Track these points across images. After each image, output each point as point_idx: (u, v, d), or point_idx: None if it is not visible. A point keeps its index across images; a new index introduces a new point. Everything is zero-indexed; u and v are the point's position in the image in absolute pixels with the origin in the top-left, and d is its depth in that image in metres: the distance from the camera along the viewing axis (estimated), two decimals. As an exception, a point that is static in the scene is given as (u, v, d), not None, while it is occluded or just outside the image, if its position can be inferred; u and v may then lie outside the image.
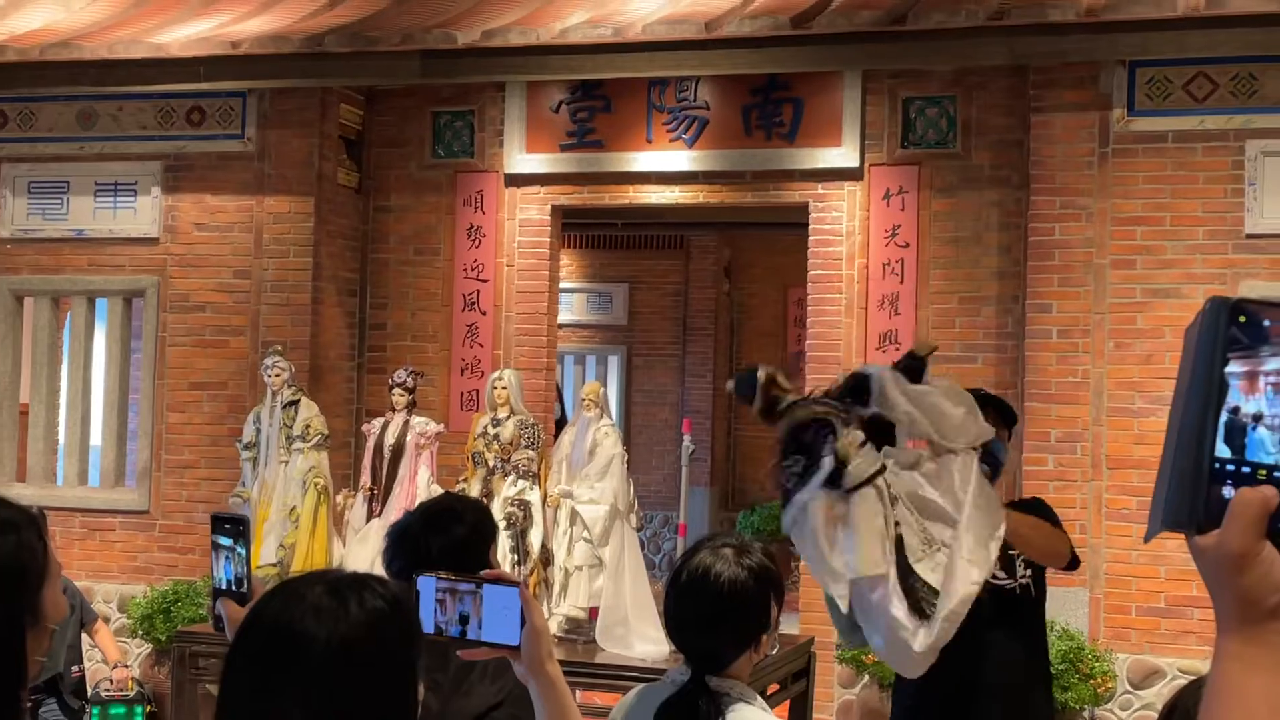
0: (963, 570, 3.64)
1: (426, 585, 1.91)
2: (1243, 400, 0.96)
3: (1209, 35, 6.94)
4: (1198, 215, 7.27)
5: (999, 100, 7.89)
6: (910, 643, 3.61)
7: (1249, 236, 7.19)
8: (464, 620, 1.90)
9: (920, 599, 3.67)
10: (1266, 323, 0.96)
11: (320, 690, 1.62)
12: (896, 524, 3.71)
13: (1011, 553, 4.22)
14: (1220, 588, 0.96)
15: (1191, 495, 0.96)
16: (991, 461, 4.01)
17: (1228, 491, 0.96)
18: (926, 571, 3.68)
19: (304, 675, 1.62)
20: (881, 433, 3.73)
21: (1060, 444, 7.34)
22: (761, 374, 3.78)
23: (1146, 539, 1.05)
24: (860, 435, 3.63)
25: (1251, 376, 0.96)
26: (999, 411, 4.30)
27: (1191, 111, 7.27)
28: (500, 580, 1.92)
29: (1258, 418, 0.96)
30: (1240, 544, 0.94)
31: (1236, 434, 0.96)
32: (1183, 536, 0.99)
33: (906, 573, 3.70)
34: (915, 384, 3.72)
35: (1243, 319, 0.96)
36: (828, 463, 3.63)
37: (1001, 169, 7.87)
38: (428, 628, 1.90)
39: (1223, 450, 0.96)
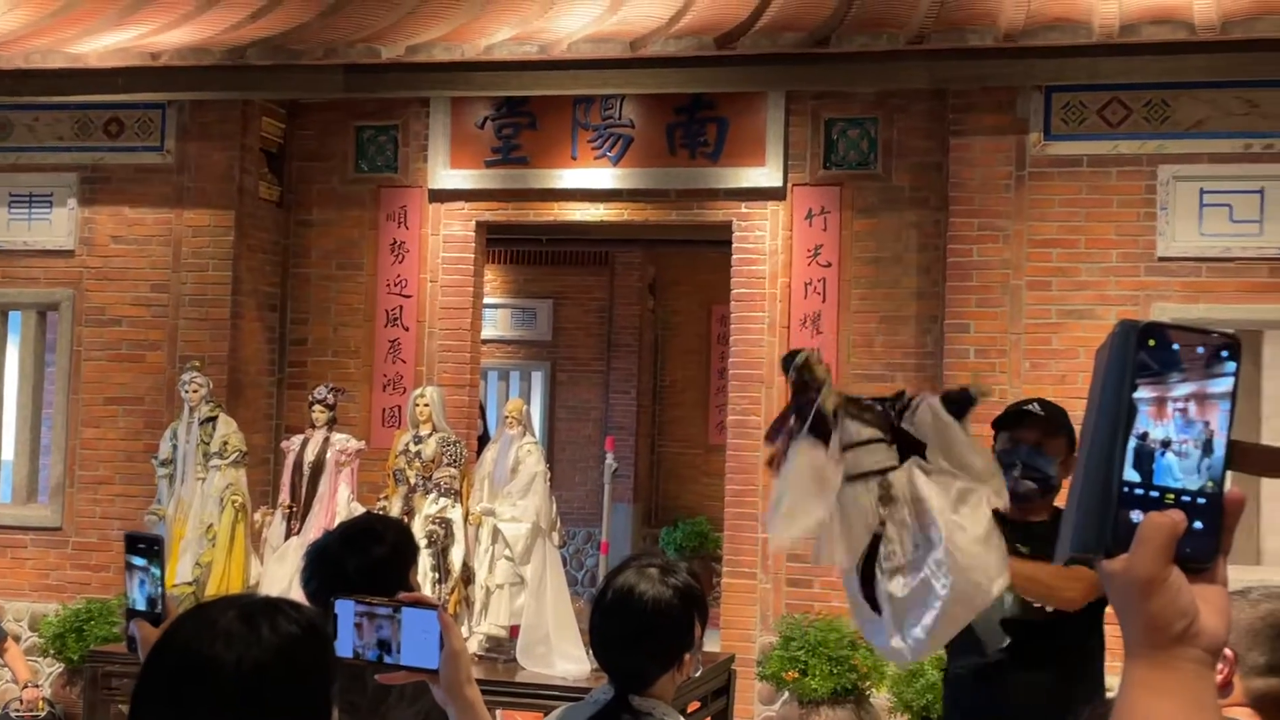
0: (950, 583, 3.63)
1: (345, 609, 1.90)
2: (1151, 426, 0.97)
3: (1123, 62, 7.09)
4: (1111, 238, 7.41)
5: (919, 123, 7.99)
6: (886, 644, 3.71)
7: (1161, 259, 7.34)
8: (382, 644, 1.88)
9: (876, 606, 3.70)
10: (1176, 347, 0.96)
11: (231, 717, 1.61)
12: (882, 523, 3.73)
13: None
14: (1128, 612, 0.96)
15: (1100, 519, 0.96)
16: (1036, 476, 3.84)
17: (1136, 516, 0.96)
18: (896, 587, 3.69)
19: (214, 701, 1.61)
20: (906, 445, 3.78)
21: (978, 462, 7.41)
22: (802, 358, 3.94)
23: (1054, 560, 1.06)
24: (840, 397, 3.73)
25: (1160, 403, 0.97)
26: (1060, 425, 3.95)
27: (1105, 136, 7.42)
28: (419, 603, 1.91)
29: (1166, 443, 0.97)
30: (1148, 569, 0.94)
31: (1145, 459, 0.97)
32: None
33: (868, 579, 3.72)
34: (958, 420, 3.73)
35: (1152, 343, 0.97)
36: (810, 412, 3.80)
37: (921, 190, 7.97)
38: (345, 652, 1.88)
39: (1131, 475, 0.97)
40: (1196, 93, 7.29)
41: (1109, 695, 2.26)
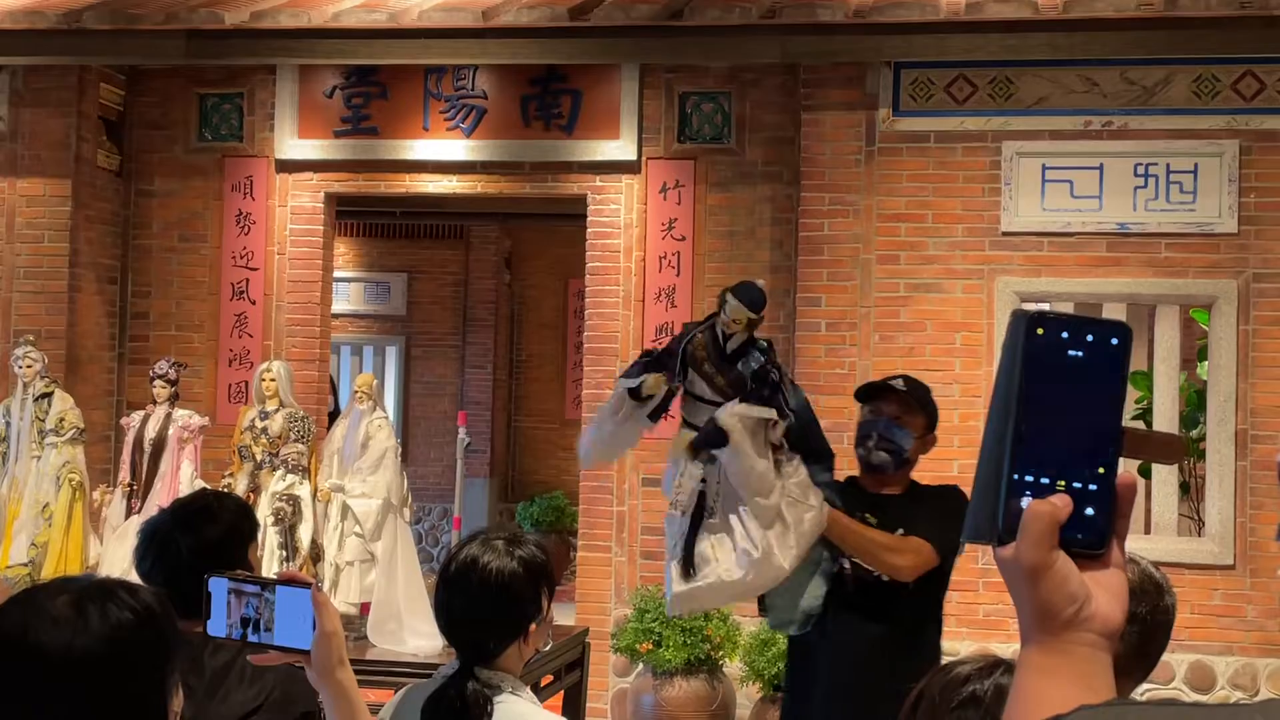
0: (739, 557, 3.76)
1: (218, 586, 1.86)
2: None
3: (968, 39, 7.22)
4: (957, 213, 7.55)
5: (772, 97, 8.04)
6: (670, 584, 3.85)
7: (1004, 234, 7.50)
8: (246, 623, 1.84)
9: (694, 562, 3.81)
10: (1065, 335, 0.97)
11: (55, 704, 1.57)
12: (703, 480, 3.84)
13: None
14: (1019, 599, 0.98)
15: (992, 507, 0.97)
16: (891, 448, 3.93)
17: (1025, 503, 0.96)
18: (709, 541, 3.84)
19: (36, 689, 1.57)
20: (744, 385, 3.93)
21: (827, 434, 7.50)
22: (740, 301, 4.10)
23: (958, 551, 1.07)
24: (659, 379, 3.90)
25: None
26: (921, 402, 4.00)
27: (952, 113, 7.55)
28: (292, 581, 1.87)
29: None
30: (1031, 557, 0.95)
31: None
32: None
33: (695, 528, 3.83)
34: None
35: (1040, 331, 0.97)
36: (629, 383, 3.92)
37: (774, 165, 8.03)
38: (219, 631, 1.85)
39: None
40: (1039, 70, 7.46)
41: (945, 660, 2.30)
